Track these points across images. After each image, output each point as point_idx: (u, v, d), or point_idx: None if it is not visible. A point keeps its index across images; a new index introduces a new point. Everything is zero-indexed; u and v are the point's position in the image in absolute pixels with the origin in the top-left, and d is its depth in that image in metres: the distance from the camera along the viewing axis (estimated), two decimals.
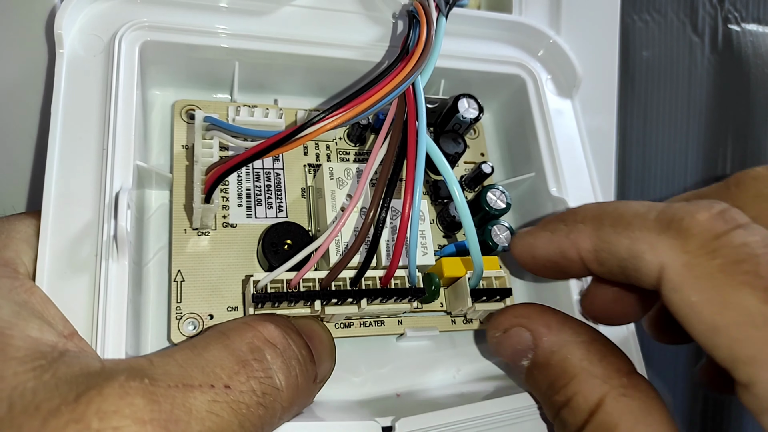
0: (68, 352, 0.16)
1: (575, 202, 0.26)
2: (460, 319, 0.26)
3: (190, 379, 0.16)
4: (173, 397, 0.15)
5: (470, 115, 0.26)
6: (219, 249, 0.23)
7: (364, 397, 0.24)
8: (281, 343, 0.19)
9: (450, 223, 0.26)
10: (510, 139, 0.30)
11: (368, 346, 0.25)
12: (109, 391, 0.14)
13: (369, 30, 0.26)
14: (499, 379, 0.25)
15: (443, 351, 0.26)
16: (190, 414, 0.15)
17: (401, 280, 0.22)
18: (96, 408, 0.14)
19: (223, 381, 0.16)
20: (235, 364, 0.17)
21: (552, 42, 0.28)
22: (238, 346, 0.17)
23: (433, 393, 0.24)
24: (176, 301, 0.22)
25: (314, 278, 0.21)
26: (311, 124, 0.20)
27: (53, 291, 0.18)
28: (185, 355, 0.17)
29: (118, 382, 0.15)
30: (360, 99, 0.21)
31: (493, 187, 0.26)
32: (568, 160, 0.27)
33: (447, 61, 0.27)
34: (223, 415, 0.16)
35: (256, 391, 0.17)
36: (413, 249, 0.22)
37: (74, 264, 0.19)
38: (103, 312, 0.18)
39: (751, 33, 0.43)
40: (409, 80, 0.22)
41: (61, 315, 0.18)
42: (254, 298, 0.20)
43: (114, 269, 0.19)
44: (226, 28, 0.24)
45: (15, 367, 0.15)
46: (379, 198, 0.21)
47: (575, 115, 0.29)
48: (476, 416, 0.21)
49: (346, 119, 0.20)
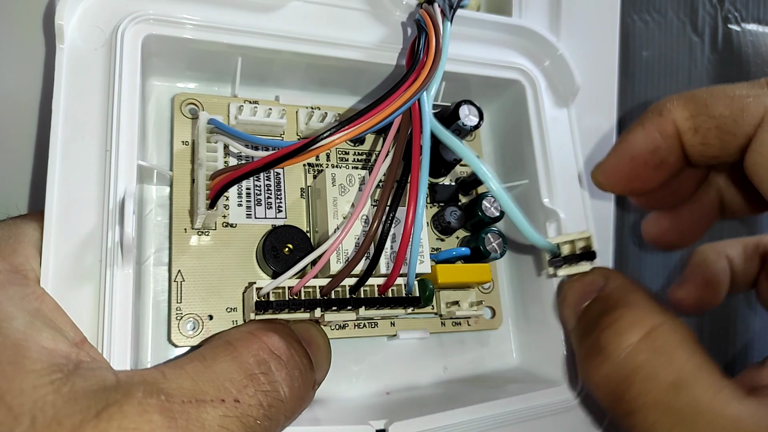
0: (82, 364, 0.16)
1: (567, 212, 0.27)
2: (449, 321, 0.27)
3: (203, 394, 0.16)
4: (188, 413, 0.16)
5: (470, 122, 0.26)
6: (219, 249, 0.23)
7: (355, 394, 0.25)
8: (285, 354, 0.19)
9: (445, 228, 0.27)
10: (505, 143, 0.30)
11: (360, 345, 0.26)
12: (128, 409, 0.15)
13: (374, 28, 0.26)
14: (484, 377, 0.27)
15: (431, 351, 0.27)
16: (203, 429, 0.16)
17: (398, 288, 0.23)
18: (117, 425, 0.14)
19: (233, 395, 0.17)
20: (243, 378, 0.17)
21: (559, 54, 0.28)
22: (245, 359, 0.18)
23: (421, 391, 0.26)
24: (176, 302, 0.22)
25: (315, 285, 0.22)
26: (322, 138, 0.20)
27: (58, 298, 0.18)
28: (196, 368, 0.17)
29: (137, 399, 0.15)
30: (372, 113, 0.21)
31: (488, 194, 0.27)
32: (561, 169, 0.28)
33: (448, 65, 0.27)
34: (233, 428, 0.16)
35: (263, 404, 0.17)
36: (414, 260, 0.23)
37: (79, 272, 0.19)
38: (108, 319, 0.19)
39: (751, 33, 0.43)
40: (420, 92, 0.22)
41: (70, 322, 0.18)
42: (257, 305, 0.21)
43: (119, 276, 0.19)
44: (230, 23, 0.23)
45: (34, 381, 0.15)
46: (382, 212, 0.22)
47: (570, 124, 0.29)
48: (468, 419, 0.22)
49: (358, 133, 0.21)
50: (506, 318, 0.28)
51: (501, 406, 0.23)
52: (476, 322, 0.27)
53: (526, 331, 0.28)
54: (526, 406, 0.24)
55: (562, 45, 0.28)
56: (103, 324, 0.18)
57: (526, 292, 0.28)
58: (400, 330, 0.25)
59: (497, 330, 0.28)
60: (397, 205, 0.22)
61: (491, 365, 0.28)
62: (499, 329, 0.28)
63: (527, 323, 0.28)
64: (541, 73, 0.29)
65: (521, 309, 0.28)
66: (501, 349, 0.28)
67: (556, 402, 0.24)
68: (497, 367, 0.28)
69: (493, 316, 0.28)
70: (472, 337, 0.28)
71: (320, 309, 0.22)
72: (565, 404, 0.24)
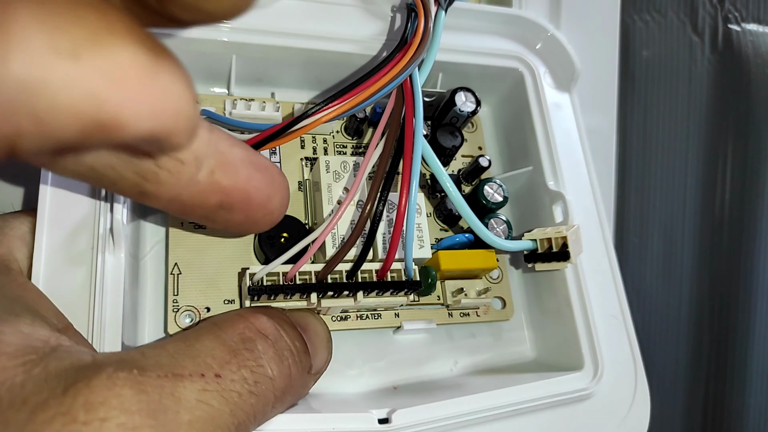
0: (61, 347, 0.16)
1: (573, 195, 0.26)
2: (457, 312, 0.26)
3: (180, 369, 0.15)
4: (162, 387, 0.15)
5: (467, 108, 0.26)
6: (216, 242, 0.23)
7: (361, 389, 0.24)
8: (273, 334, 0.18)
9: (447, 216, 0.26)
10: (508, 133, 0.30)
11: (365, 339, 0.25)
12: (96, 383, 0.14)
13: (367, 24, 0.26)
14: (498, 371, 0.25)
15: (440, 344, 0.26)
16: (179, 403, 0.15)
17: (398, 273, 0.22)
18: (83, 400, 0.14)
19: (214, 370, 0.16)
20: (226, 354, 0.17)
21: (550, 35, 0.28)
22: (229, 337, 0.17)
23: (430, 386, 0.25)
24: (173, 294, 0.22)
25: (310, 271, 0.21)
26: (307, 116, 0.20)
27: (50, 283, 0.18)
28: (177, 347, 0.17)
29: (106, 374, 0.14)
30: (357, 90, 0.21)
31: (491, 180, 0.26)
32: (565, 154, 0.27)
33: (445, 55, 0.27)
34: (213, 403, 0.15)
35: (247, 380, 0.17)
36: (410, 242, 0.22)
37: (71, 257, 0.19)
38: (99, 304, 0.18)
39: (751, 33, 0.43)
40: (407, 71, 0.22)
41: (55, 309, 0.18)
42: (250, 290, 0.20)
43: (110, 261, 0.19)
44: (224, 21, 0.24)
45: (4, 363, 0.14)
46: (376, 192, 0.21)
47: (573, 109, 0.29)
48: (474, 409, 0.21)
49: (343, 111, 0.20)
50: (519, 310, 0.27)
51: (510, 395, 0.22)
52: (486, 312, 0.26)
53: (541, 323, 0.27)
54: (543, 394, 0.22)
55: (551, 26, 0.28)
56: (94, 308, 0.18)
57: (540, 282, 0.27)
58: (404, 321, 0.24)
59: (510, 322, 0.27)
60: (390, 184, 0.22)
61: (505, 359, 0.26)
62: (511, 322, 0.27)
63: (542, 315, 0.27)
64: (537, 58, 0.28)
65: (535, 301, 0.27)
66: (515, 343, 0.27)
67: (574, 390, 0.23)
68: (512, 361, 0.26)
69: (504, 306, 0.26)
70: (484, 331, 0.26)
71: (316, 294, 0.21)
72: (585, 392, 0.23)
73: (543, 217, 0.26)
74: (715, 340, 0.40)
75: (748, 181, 0.42)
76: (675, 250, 0.38)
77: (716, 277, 0.41)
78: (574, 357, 0.24)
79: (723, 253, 0.42)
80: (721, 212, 0.42)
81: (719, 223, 0.42)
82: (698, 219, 0.41)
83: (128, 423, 0.14)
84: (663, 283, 0.39)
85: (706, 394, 0.40)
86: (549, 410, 0.22)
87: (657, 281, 0.38)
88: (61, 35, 0.08)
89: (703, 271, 0.41)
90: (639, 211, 0.38)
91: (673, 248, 0.38)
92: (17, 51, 0.08)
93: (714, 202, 0.42)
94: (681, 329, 0.40)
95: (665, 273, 0.39)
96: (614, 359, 0.24)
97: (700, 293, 0.41)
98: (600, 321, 0.25)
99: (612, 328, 0.25)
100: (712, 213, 0.41)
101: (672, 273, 0.39)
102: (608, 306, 0.25)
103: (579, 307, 0.25)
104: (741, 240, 0.42)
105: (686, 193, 0.41)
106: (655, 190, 0.40)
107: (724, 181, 0.42)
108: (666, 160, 0.40)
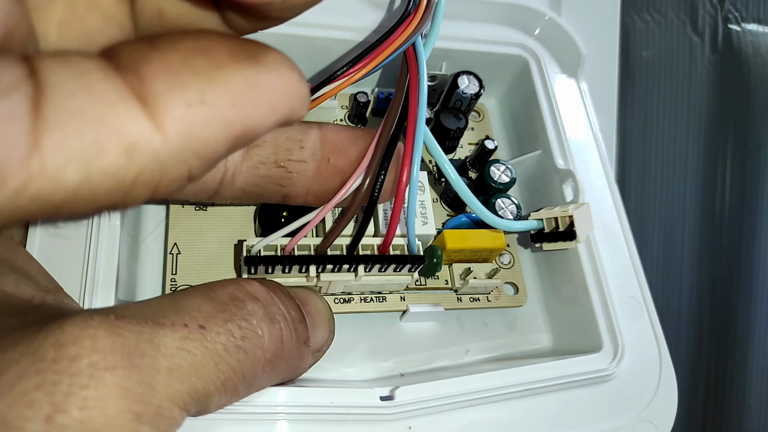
0: (45, 304, 0.16)
1: (584, 175, 0.25)
2: (466, 297, 0.24)
3: (162, 318, 0.15)
4: (140, 332, 0.14)
5: (471, 90, 0.26)
6: (216, 223, 0.23)
7: (364, 375, 0.23)
8: (264, 297, 0.18)
9: (453, 201, 0.26)
10: (516, 122, 0.29)
11: (371, 324, 0.24)
12: (68, 324, 0.13)
13: (366, 12, 0.26)
14: (513, 359, 0.24)
15: (451, 332, 0.24)
16: (157, 349, 0.14)
17: (401, 249, 0.22)
18: (54, 340, 0.13)
19: (198, 322, 0.15)
20: (212, 309, 0.16)
21: (547, 19, 0.28)
22: (218, 295, 0.17)
23: (440, 374, 0.23)
24: (171, 273, 0.21)
25: (309, 245, 0.21)
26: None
27: (45, 249, 0.18)
28: (162, 301, 0.16)
29: (81, 317, 0.14)
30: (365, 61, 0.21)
31: (497, 161, 0.25)
32: (575, 136, 0.27)
33: (448, 42, 0.27)
34: (195, 353, 0.15)
35: (233, 333, 0.16)
36: (411, 215, 0.21)
37: (66, 223, 0.19)
38: (92, 270, 0.18)
39: (751, 33, 0.43)
40: (412, 38, 0.22)
41: (44, 271, 0.17)
42: (246, 261, 0.20)
43: (106, 228, 0.19)
44: None
45: None
46: (377, 163, 0.21)
47: (581, 95, 0.28)
48: (483, 387, 0.20)
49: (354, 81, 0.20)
50: (533, 296, 0.26)
51: (515, 375, 0.20)
52: (497, 298, 0.25)
53: (557, 309, 0.25)
54: (558, 374, 0.21)
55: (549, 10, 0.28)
56: (87, 275, 0.18)
57: (554, 266, 0.26)
58: (411, 303, 0.23)
59: (523, 309, 0.25)
60: (391, 155, 0.21)
61: (520, 348, 0.25)
62: (525, 308, 0.25)
63: (558, 300, 0.25)
64: (539, 43, 0.28)
65: (549, 286, 0.26)
66: (530, 331, 0.25)
67: (593, 370, 0.21)
68: (527, 349, 0.25)
69: (517, 292, 0.25)
70: (497, 319, 0.25)
71: (315, 267, 0.20)
72: (604, 373, 0.21)
73: (554, 198, 0.26)
74: (715, 340, 0.40)
75: (748, 182, 0.42)
76: (675, 250, 0.37)
77: (716, 277, 0.41)
78: (592, 338, 0.23)
79: (723, 253, 0.41)
80: (721, 212, 0.41)
81: (719, 223, 0.41)
82: (698, 219, 0.41)
83: (100, 362, 0.13)
84: (663, 283, 0.38)
85: (706, 394, 0.39)
86: (566, 391, 0.21)
87: (657, 281, 0.37)
88: (187, 90, 0.10)
89: (703, 271, 0.41)
90: (639, 211, 0.37)
91: (673, 248, 0.38)
92: (165, 117, 0.10)
93: (714, 202, 0.41)
94: (681, 329, 0.39)
95: (665, 273, 0.38)
96: (635, 341, 0.23)
97: (700, 293, 0.40)
98: (618, 302, 0.23)
99: (632, 309, 0.23)
100: (712, 213, 0.41)
101: (672, 273, 0.38)
102: (627, 287, 0.24)
103: (595, 288, 0.23)
104: (741, 240, 0.41)
105: (686, 193, 0.40)
106: (655, 190, 0.39)
107: (724, 181, 0.41)
108: (666, 160, 0.40)
